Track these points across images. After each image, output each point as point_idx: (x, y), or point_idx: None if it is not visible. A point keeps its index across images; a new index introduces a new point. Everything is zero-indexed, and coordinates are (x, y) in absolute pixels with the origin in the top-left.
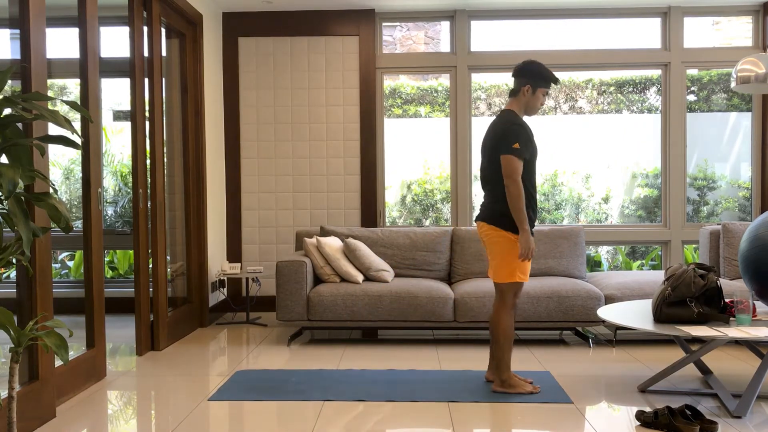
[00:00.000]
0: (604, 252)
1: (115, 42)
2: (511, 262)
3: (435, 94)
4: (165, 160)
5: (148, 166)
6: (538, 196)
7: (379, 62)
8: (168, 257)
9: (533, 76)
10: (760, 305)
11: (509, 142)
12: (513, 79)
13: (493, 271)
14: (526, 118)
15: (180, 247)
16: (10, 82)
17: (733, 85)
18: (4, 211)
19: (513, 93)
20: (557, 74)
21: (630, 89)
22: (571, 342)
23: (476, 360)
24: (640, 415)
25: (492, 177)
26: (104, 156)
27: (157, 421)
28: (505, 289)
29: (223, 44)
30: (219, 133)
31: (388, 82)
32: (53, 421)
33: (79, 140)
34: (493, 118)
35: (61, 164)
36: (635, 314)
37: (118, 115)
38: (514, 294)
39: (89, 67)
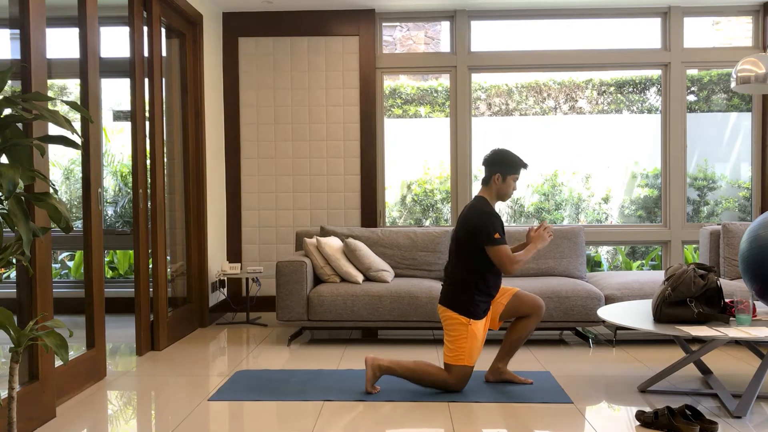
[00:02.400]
0: (604, 252)
1: (115, 42)
2: (462, 346)
3: (435, 95)
4: (165, 160)
5: (148, 166)
6: (536, 197)
7: (379, 62)
8: (168, 257)
9: (503, 165)
10: (760, 305)
11: (489, 233)
12: (483, 167)
13: (445, 350)
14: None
15: (180, 247)
16: (10, 82)
17: (733, 85)
18: (4, 211)
19: (484, 182)
20: (557, 75)
21: (630, 89)
22: (571, 342)
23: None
24: (640, 415)
25: (454, 261)
26: (104, 156)
27: (157, 421)
28: (453, 371)
29: (223, 44)
30: (219, 133)
31: (388, 82)
32: (53, 421)
33: (79, 140)
34: (493, 118)
35: (61, 164)
36: (635, 314)
37: (118, 115)
38: (460, 379)
39: (89, 67)
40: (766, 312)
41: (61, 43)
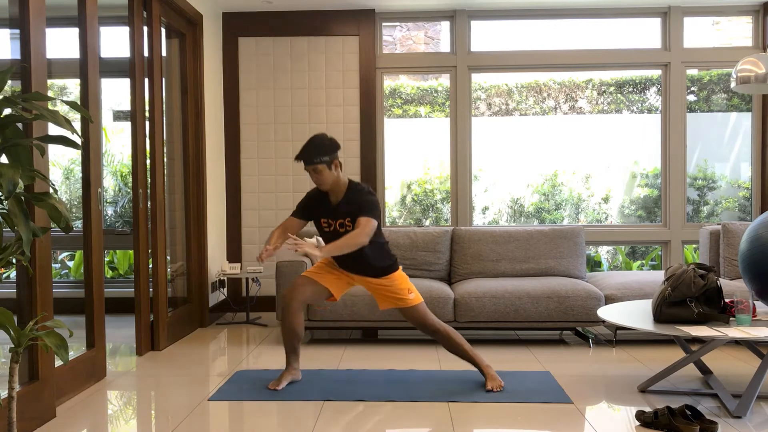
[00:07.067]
0: (604, 252)
1: (115, 42)
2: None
3: (435, 94)
4: (165, 160)
5: (148, 166)
6: (536, 197)
7: (379, 62)
8: (168, 257)
9: None
10: (760, 305)
11: None
12: None
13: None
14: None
15: (180, 247)
16: (10, 82)
17: (733, 85)
18: (4, 211)
19: None
20: (557, 75)
21: (630, 89)
22: (571, 342)
23: None
24: (640, 415)
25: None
26: (104, 156)
27: (157, 421)
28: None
29: (223, 44)
30: (219, 133)
31: (388, 82)
32: (53, 421)
33: (79, 140)
34: (493, 118)
35: (61, 164)
36: (635, 314)
37: (118, 115)
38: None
39: (89, 67)
40: (766, 312)
41: (61, 43)
